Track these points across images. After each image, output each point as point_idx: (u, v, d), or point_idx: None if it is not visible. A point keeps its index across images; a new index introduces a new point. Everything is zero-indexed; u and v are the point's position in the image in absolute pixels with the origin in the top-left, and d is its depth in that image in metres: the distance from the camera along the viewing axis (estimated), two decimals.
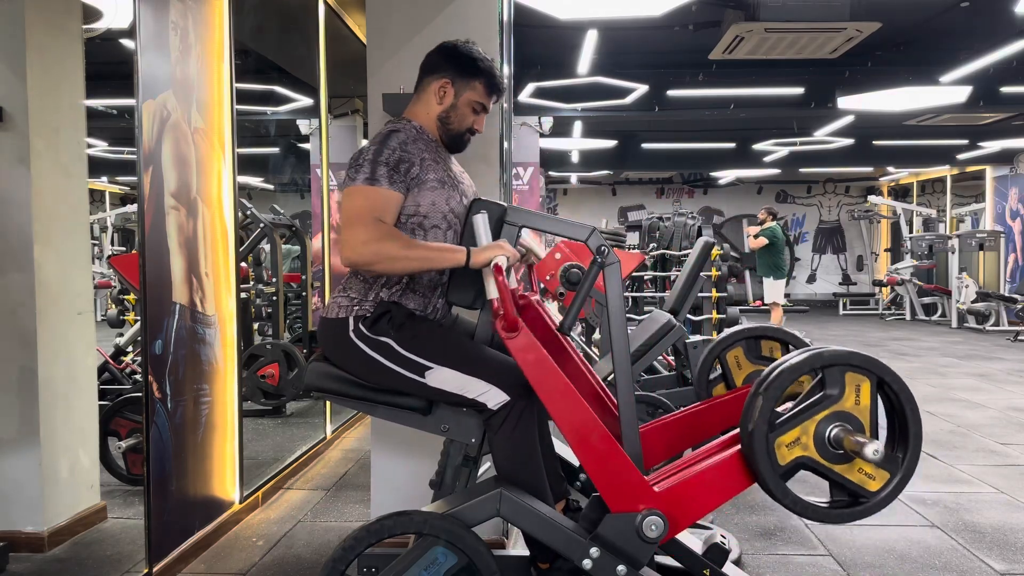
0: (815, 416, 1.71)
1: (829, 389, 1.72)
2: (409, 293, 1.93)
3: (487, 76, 2.00)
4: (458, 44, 2.02)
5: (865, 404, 1.72)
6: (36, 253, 2.72)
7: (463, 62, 1.99)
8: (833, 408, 1.71)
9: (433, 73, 2.01)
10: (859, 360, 1.72)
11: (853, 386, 1.72)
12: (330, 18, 4.49)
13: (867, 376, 1.72)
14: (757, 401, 1.71)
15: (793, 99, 8.08)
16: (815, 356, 1.73)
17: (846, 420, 1.71)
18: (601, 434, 1.78)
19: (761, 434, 1.69)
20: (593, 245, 1.89)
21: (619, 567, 1.76)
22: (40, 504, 2.75)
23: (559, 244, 3.55)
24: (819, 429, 1.71)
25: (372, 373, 1.89)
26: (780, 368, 1.73)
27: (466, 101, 2.01)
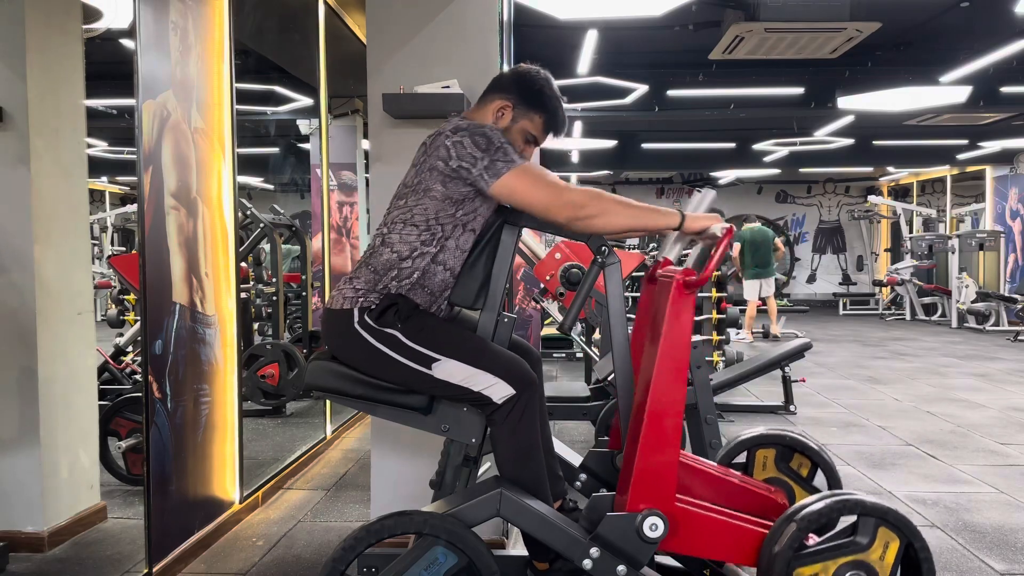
0: (839, 559, 1.77)
1: (860, 536, 1.78)
2: (418, 289, 1.92)
3: (549, 114, 2.01)
4: (533, 73, 2.02)
5: (889, 562, 1.77)
6: (36, 253, 2.72)
7: (531, 92, 1.99)
8: (858, 556, 1.76)
9: (499, 91, 2.01)
10: (896, 519, 1.78)
11: (883, 541, 1.77)
12: (330, 18, 4.49)
13: (899, 536, 1.77)
14: (790, 527, 1.76)
15: (793, 99, 8.08)
16: (857, 503, 1.78)
17: (865, 571, 1.76)
18: (677, 425, 1.79)
19: (784, 560, 1.74)
20: (593, 245, 1.89)
21: (619, 567, 1.76)
22: (40, 504, 2.75)
23: (559, 244, 3.56)
24: (838, 573, 1.76)
25: (377, 365, 1.88)
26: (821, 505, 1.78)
27: (520, 129, 2.00)
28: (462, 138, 1.85)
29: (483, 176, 1.83)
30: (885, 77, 7.37)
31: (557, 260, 3.45)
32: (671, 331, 1.78)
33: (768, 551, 1.77)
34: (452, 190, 1.87)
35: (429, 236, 1.90)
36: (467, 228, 1.93)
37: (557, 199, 1.81)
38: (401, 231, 1.91)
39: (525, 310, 6.57)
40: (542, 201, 1.82)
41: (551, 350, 7.70)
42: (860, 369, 7.26)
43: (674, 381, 1.78)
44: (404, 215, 1.92)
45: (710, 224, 1.84)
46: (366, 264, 1.94)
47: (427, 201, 1.89)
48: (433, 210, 1.89)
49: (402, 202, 1.94)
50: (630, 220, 1.83)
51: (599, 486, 2.22)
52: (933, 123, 9.34)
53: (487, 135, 1.85)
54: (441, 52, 2.63)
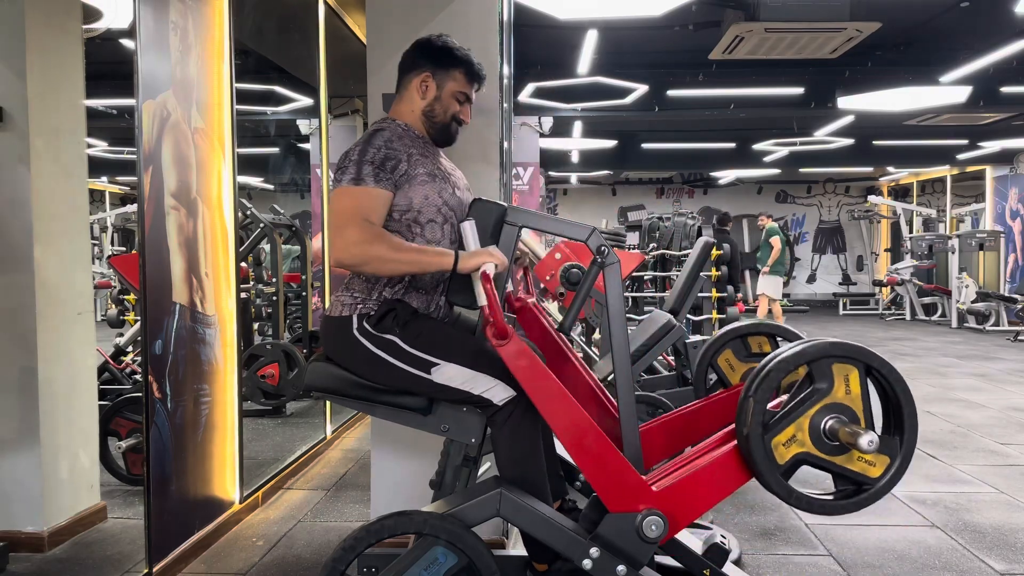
0: (808, 411, 1.72)
1: (818, 383, 1.73)
2: (412, 291, 1.94)
3: (465, 64, 2.02)
4: (431, 38, 2.04)
5: (856, 393, 1.72)
6: (36, 253, 2.72)
7: (440, 54, 2.01)
8: (824, 401, 1.72)
9: (412, 70, 2.03)
10: (844, 350, 1.72)
11: (842, 377, 1.72)
12: (330, 18, 4.49)
13: (854, 365, 1.72)
14: (748, 404, 1.72)
15: (793, 99, 8.08)
16: (799, 353, 1.73)
17: (839, 411, 1.71)
18: (596, 436, 1.78)
19: (757, 436, 1.70)
20: (593, 245, 1.89)
21: (619, 567, 1.76)
22: (40, 504, 2.75)
23: (559, 244, 3.55)
24: (813, 424, 1.72)
25: (377, 371, 1.89)
26: (767, 369, 1.74)
27: (449, 92, 2.02)
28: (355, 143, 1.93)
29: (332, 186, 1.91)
30: (885, 77, 7.36)
31: (557, 260, 3.45)
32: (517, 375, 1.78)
33: (740, 437, 1.73)
34: None
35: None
36: (416, 222, 1.93)
37: (338, 234, 1.81)
38: None
39: None
40: (331, 229, 1.84)
41: None
42: None
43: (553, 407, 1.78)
44: None
45: (481, 262, 1.78)
46: (358, 274, 1.96)
47: None
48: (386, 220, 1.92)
49: None
50: (403, 267, 1.82)
51: None
52: (933, 123, 9.34)
53: (347, 151, 1.90)
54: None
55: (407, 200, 1.90)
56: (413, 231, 1.92)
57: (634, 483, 1.77)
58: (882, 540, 2.93)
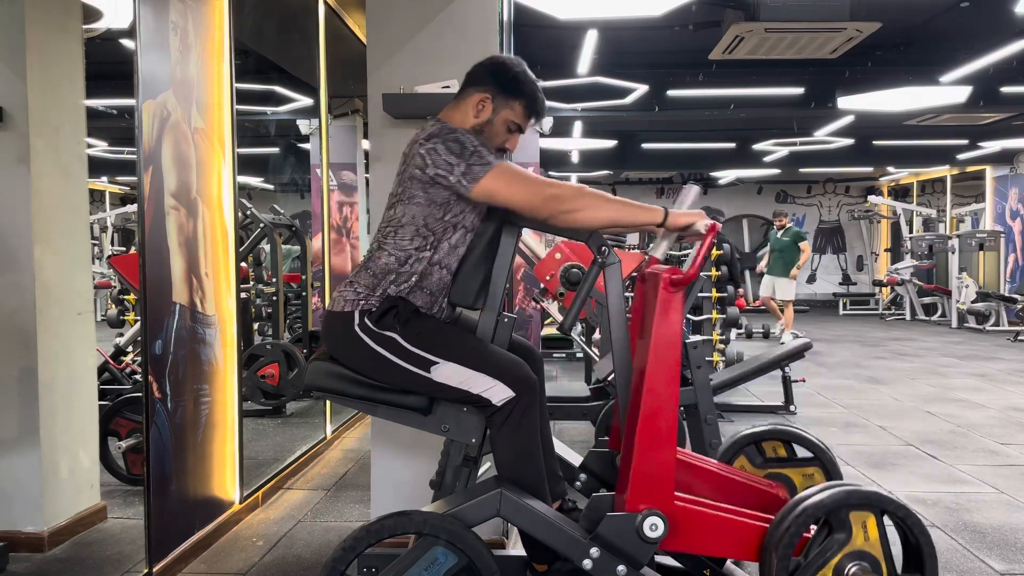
0: (830, 562, 1.75)
1: (836, 533, 1.76)
2: (417, 291, 1.93)
3: (528, 98, 1.99)
4: (507, 61, 2.02)
5: (874, 538, 1.76)
6: (36, 253, 2.72)
7: (507, 80, 1.98)
8: (845, 551, 1.75)
9: (476, 86, 2.00)
10: (858, 499, 1.76)
11: (859, 524, 1.76)
12: (330, 18, 4.49)
13: (870, 511, 1.76)
14: (772, 559, 1.74)
15: (793, 99, 8.08)
16: (816, 506, 1.76)
17: (861, 559, 1.75)
18: (672, 424, 1.79)
19: None
20: (593, 245, 1.89)
21: (619, 567, 1.76)
22: (40, 504, 2.75)
23: (559, 244, 3.55)
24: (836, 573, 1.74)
25: (376, 368, 1.89)
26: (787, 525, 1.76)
27: (502, 119, 1.99)
28: (435, 145, 1.85)
29: (461, 182, 1.84)
30: (885, 77, 7.36)
31: (557, 260, 3.45)
32: (660, 329, 1.78)
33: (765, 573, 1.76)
34: (435, 195, 1.89)
35: (422, 241, 1.91)
36: (458, 228, 1.94)
37: (537, 195, 1.81)
38: (395, 239, 1.93)
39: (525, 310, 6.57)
40: (523, 198, 1.83)
41: (551, 350, 7.71)
42: (860, 369, 7.26)
43: (666, 379, 1.78)
44: (395, 224, 1.94)
45: (694, 220, 1.83)
46: (365, 268, 1.96)
47: (414, 208, 1.90)
48: (421, 216, 1.90)
49: (391, 212, 1.96)
50: (613, 214, 1.83)
51: (599, 486, 2.22)
52: (933, 123, 9.34)
53: (459, 140, 1.85)
54: (441, 52, 2.63)
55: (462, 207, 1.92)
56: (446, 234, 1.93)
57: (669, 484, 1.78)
58: None
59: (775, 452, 2.47)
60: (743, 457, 2.46)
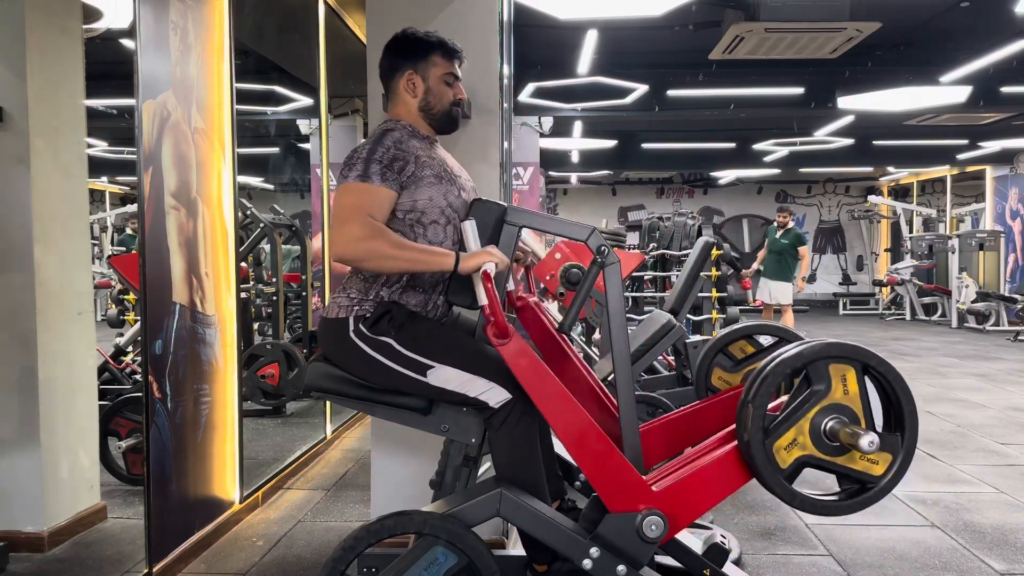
0: (807, 414, 1.72)
1: (815, 385, 1.73)
2: (410, 290, 1.94)
3: (439, 47, 2.02)
4: (396, 36, 2.05)
5: (854, 392, 1.72)
6: (36, 253, 2.72)
7: (412, 46, 2.02)
8: (823, 403, 1.72)
9: (394, 73, 2.03)
10: (839, 350, 1.72)
11: (839, 377, 1.72)
12: (330, 18, 4.49)
13: (850, 364, 1.72)
14: (748, 410, 1.72)
15: (793, 99, 8.08)
16: (795, 356, 1.73)
17: (839, 412, 1.71)
18: (597, 436, 1.78)
19: (758, 442, 1.70)
20: (593, 245, 1.89)
21: (619, 567, 1.76)
22: (40, 504, 2.75)
23: (559, 244, 3.55)
24: (814, 426, 1.71)
25: (373, 373, 1.90)
26: (764, 373, 1.74)
27: (435, 78, 2.02)
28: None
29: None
30: (885, 77, 7.36)
31: (557, 260, 3.45)
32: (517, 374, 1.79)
33: (742, 443, 1.73)
34: None
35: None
36: (419, 223, 1.93)
37: (338, 230, 1.81)
38: None
39: None
40: (332, 227, 1.86)
41: None
42: None
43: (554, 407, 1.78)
44: None
45: (482, 261, 1.78)
46: (356, 273, 1.97)
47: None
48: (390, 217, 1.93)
49: None
50: (403, 265, 1.83)
51: None
52: (933, 123, 9.34)
53: (354, 148, 1.92)
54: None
55: (411, 201, 1.91)
56: (416, 231, 1.93)
57: (634, 483, 1.77)
58: (882, 540, 2.93)
59: (743, 352, 2.47)
60: (718, 369, 2.45)
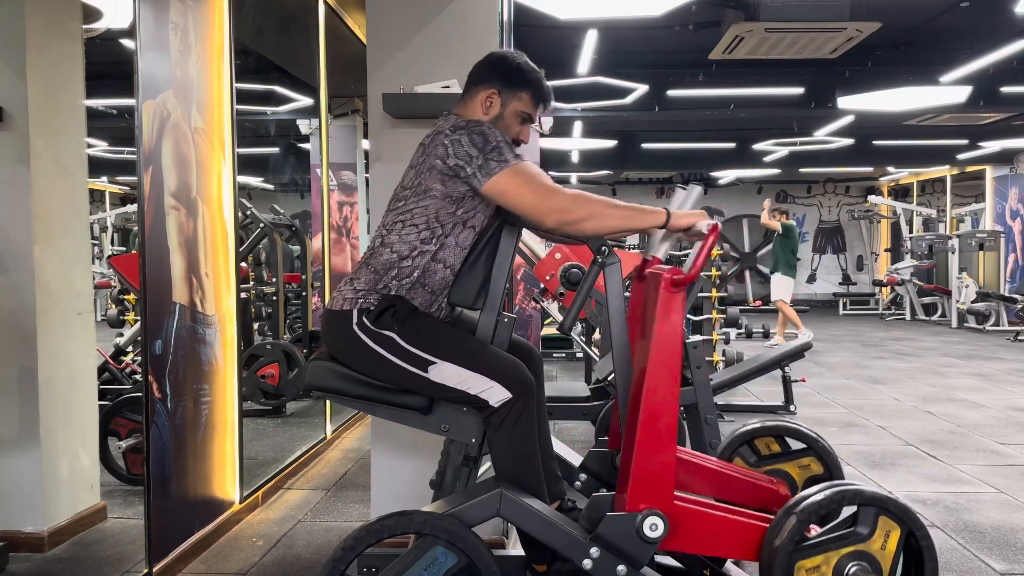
0: (840, 550, 1.75)
1: (860, 527, 1.76)
2: (418, 287, 1.92)
3: (534, 87, 2.00)
4: (507, 54, 2.03)
5: (890, 551, 1.76)
6: (36, 253, 2.72)
7: (511, 72, 1.99)
8: (859, 547, 1.75)
9: (480, 83, 2.00)
10: (896, 508, 1.76)
11: (884, 531, 1.76)
12: (330, 18, 4.49)
13: (900, 525, 1.76)
14: (789, 520, 1.75)
15: (793, 99, 8.08)
16: (856, 493, 1.77)
17: (867, 561, 1.75)
18: (672, 424, 1.79)
19: (786, 553, 1.73)
20: (593, 245, 1.89)
21: (619, 567, 1.76)
22: (40, 504, 2.75)
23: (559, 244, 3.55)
24: (840, 564, 1.75)
25: (374, 367, 1.89)
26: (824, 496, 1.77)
27: (512, 112, 2.00)
28: (460, 136, 1.85)
29: (476, 175, 1.83)
30: (885, 77, 7.36)
31: (557, 260, 3.45)
32: (662, 329, 1.78)
33: (769, 544, 1.76)
34: (451, 188, 1.87)
35: (429, 234, 1.90)
36: (467, 225, 1.94)
37: (545, 203, 1.81)
38: (400, 231, 1.91)
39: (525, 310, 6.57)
40: (531, 204, 1.82)
41: (551, 350, 7.70)
42: (860, 369, 7.26)
43: (667, 380, 1.78)
44: (403, 216, 1.92)
45: (696, 221, 1.84)
46: (366, 264, 1.95)
47: (428, 200, 1.89)
48: (434, 209, 1.89)
49: (401, 204, 1.94)
50: (618, 222, 1.84)
51: (599, 486, 2.22)
52: (933, 123, 9.34)
53: (484, 133, 1.85)
54: (441, 52, 2.63)
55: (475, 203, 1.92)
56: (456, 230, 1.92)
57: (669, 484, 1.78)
58: None
59: (768, 449, 2.47)
60: (739, 459, 2.46)
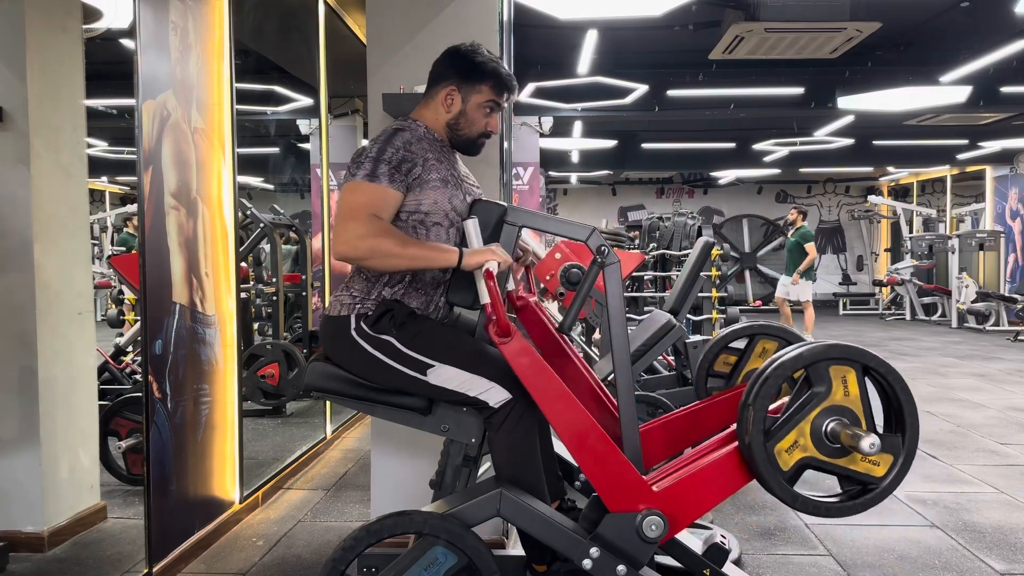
0: (808, 416, 1.71)
1: (816, 386, 1.72)
2: (412, 291, 1.94)
3: (493, 77, 1.99)
4: (460, 48, 2.01)
5: (855, 393, 1.72)
6: (36, 253, 2.72)
7: (466, 66, 1.98)
8: (824, 404, 1.72)
9: (439, 81, 2.00)
10: (839, 352, 1.72)
11: (839, 379, 1.72)
12: (330, 18, 4.49)
13: (851, 366, 1.72)
14: (748, 412, 1.71)
15: (793, 99, 8.08)
16: (795, 358, 1.72)
17: (839, 414, 1.71)
18: (598, 435, 1.78)
19: (759, 444, 1.70)
20: (593, 245, 1.89)
21: (619, 567, 1.76)
22: (40, 504, 2.75)
23: (559, 244, 3.56)
24: (814, 428, 1.71)
25: (374, 371, 1.90)
26: (765, 375, 1.73)
27: (475, 105, 1.99)
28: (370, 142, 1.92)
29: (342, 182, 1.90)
30: (885, 77, 7.37)
31: (557, 260, 3.45)
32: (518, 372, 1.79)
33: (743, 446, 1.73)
34: None
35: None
36: (422, 224, 1.93)
37: (340, 228, 1.81)
38: None
39: None
40: (335, 224, 1.85)
41: None
42: None
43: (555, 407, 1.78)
44: None
45: (485, 259, 1.79)
46: (358, 272, 1.97)
47: None
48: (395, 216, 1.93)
49: None
50: (405, 263, 1.82)
51: None
52: (933, 123, 9.34)
53: (363, 146, 1.91)
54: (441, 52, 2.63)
55: (416, 202, 1.90)
56: (418, 233, 1.93)
57: (635, 483, 1.77)
58: (882, 540, 2.93)
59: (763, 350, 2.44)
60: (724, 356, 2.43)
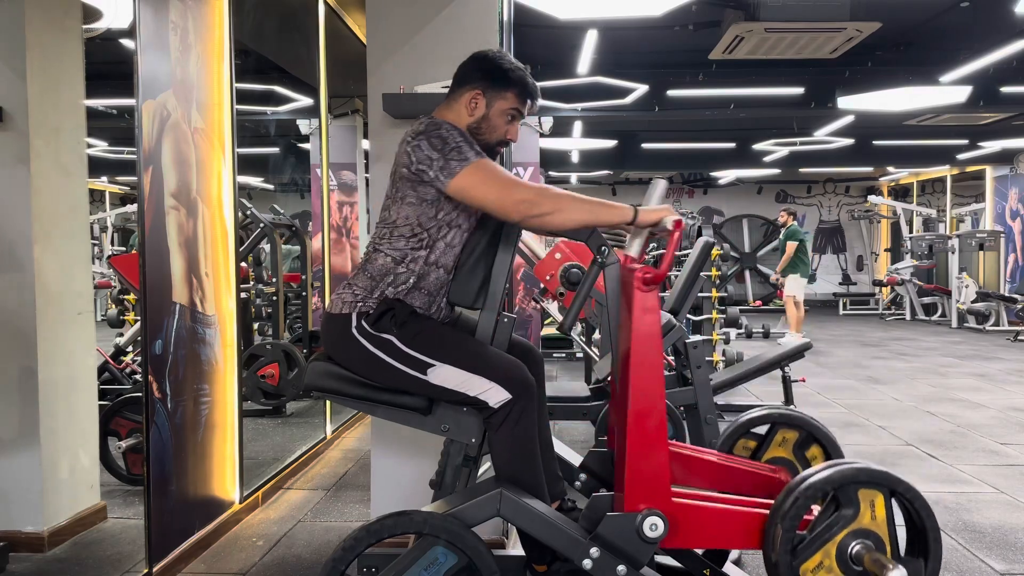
0: (835, 538, 1.73)
1: (844, 509, 1.75)
2: (415, 291, 1.93)
3: (519, 85, 1.99)
4: (488, 53, 2.02)
5: (881, 518, 1.74)
6: (36, 253, 2.72)
7: (494, 72, 1.98)
8: (851, 528, 1.74)
9: (464, 84, 2.00)
10: (868, 476, 1.75)
11: (867, 502, 1.74)
12: (330, 18, 4.49)
13: (879, 490, 1.75)
14: (777, 531, 1.73)
15: (793, 99, 8.08)
16: (825, 480, 1.75)
17: (865, 537, 1.73)
18: (661, 423, 1.78)
19: (786, 564, 1.71)
20: (593, 245, 1.89)
21: (619, 567, 1.76)
22: (40, 504, 2.75)
23: (559, 244, 3.55)
24: (840, 550, 1.73)
25: (374, 370, 1.89)
26: (794, 496, 1.75)
27: (498, 111, 1.99)
28: (420, 141, 1.87)
29: (439, 177, 1.85)
30: (885, 77, 7.36)
31: (557, 260, 3.45)
32: (640, 328, 1.78)
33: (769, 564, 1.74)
34: (422, 193, 1.89)
35: (417, 242, 1.92)
36: (452, 226, 1.94)
37: (508, 198, 1.81)
38: (390, 240, 1.93)
39: (525, 310, 6.57)
40: (495, 198, 1.82)
41: (551, 350, 7.70)
42: (860, 369, 7.26)
43: (651, 378, 1.77)
44: (390, 226, 1.94)
45: (662, 216, 1.82)
46: (363, 270, 1.96)
47: (407, 208, 1.91)
48: (415, 215, 1.91)
49: (386, 214, 1.97)
50: (584, 216, 1.83)
51: (599, 486, 2.22)
52: (933, 123, 9.34)
53: (442, 135, 1.86)
54: (441, 52, 2.63)
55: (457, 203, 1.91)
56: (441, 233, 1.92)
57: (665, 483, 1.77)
58: None
59: None
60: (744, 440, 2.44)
